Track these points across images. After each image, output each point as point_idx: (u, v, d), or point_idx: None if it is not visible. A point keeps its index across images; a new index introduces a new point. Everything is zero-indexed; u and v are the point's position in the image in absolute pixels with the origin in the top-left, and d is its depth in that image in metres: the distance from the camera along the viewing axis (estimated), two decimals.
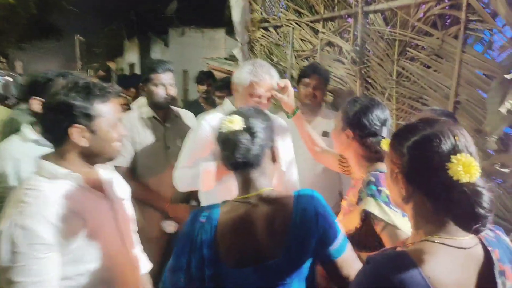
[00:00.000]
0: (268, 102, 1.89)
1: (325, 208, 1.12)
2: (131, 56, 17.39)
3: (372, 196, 1.26)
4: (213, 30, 10.25)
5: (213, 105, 3.72)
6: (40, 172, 1.23)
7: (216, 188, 1.78)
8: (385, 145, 1.29)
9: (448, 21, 2.10)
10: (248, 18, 3.62)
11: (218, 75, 7.41)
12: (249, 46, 3.67)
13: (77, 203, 1.24)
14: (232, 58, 7.93)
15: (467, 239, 0.91)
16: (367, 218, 1.24)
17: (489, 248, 0.92)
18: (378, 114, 1.39)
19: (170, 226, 2.23)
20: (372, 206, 1.24)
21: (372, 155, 1.38)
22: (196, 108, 3.23)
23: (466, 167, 0.85)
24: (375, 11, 2.43)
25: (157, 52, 15.49)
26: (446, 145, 0.88)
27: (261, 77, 1.80)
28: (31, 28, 13.81)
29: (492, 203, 0.86)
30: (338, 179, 2.30)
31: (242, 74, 1.86)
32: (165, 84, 2.24)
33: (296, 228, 1.09)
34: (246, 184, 1.17)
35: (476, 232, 0.87)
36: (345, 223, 1.32)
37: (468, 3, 1.93)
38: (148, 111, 2.25)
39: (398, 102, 2.37)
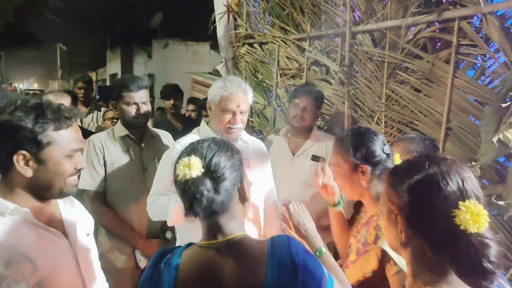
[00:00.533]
0: (243, 120, 1.79)
1: (305, 255, 0.96)
2: (114, 67, 17.19)
3: None
4: (197, 44, 10.17)
5: (182, 121, 3.60)
6: None
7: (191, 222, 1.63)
8: None
9: (439, 44, 2.05)
10: (232, 33, 3.53)
11: (203, 89, 7.30)
12: (233, 62, 3.57)
13: (26, 244, 1.07)
14: (217, 73, 7.85)
15: None
16: (383, 259, 1.14)
17: None
18: (381, 139, 1.34)
19: (142, 262, 2.07)
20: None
21: None
22: (166, 126, 3.10)
23: (475, 216, 0.76)
24: (363, 32, 2.37)
25: (140, 63, 15.34)
26: (453, 189, 0.78)
27: (231, 90, 1.73)
28: (9, 36, 13.48)
29: (501, 258, 0.77)
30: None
31: (213, 90, 1.80)
32: (138, 102, 2.10)
33: (271, 283, 0.92)
34: (212, 230, 1.01)
35: None
36: (361, 264, 1.21)
37: (460, 26, 1.89)
38: (121, 130, 2.10)
39: (387, 126, 2.29)
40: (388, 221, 0.88)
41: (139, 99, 2.10)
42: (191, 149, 1.00)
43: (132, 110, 2.09)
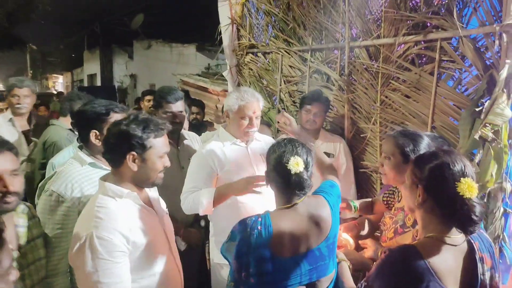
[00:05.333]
0: (257, 123, 2.16)
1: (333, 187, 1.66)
2: (92, 67, 17.03)
3: None
4: (182, 46, 10.38)
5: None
6: (105, 192, 1.45)
7: (222, 207, 2.07)
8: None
9: (424, 59, 2.48)
10: (235, 43, 3.88)
11: (192, 91, 7.58)
12: (237, 69, 3.92)
13: (137, 217, 1.47)
14: (205, 74, 8.14)
15: (459, 237, 1.24)
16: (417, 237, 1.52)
17: (472, 241, 1.26)
18: (429, 142, 1.68)
19: (183, 246, 2.41)
20: None
21: None
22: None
23: (470, 187, 1.18)
24: (360, 47, 2.79)
25: (121, 64, 15.32)
26: (457, 169, 1.21)
27: (247, 100, 2.08)
28: None
29: (482, 214, 1.20)
30: None
31: (230, 101, 2.14)
32: (175, 112, 2.44)
33: (335, 217, 1.50)
34: (286, 198, 1.50)
35: (470, 233, 1.21)
36: (398, 241, 1.62)
37: (441, 46, 2.31)
38: None
39: (382, 126, 2.72)
40: (410, 190, 1.31)
41: (176, 109, 2.44)
42: (293, 151, 1.47)
43: (170, 119, 2.42)
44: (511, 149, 2.04)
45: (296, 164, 1.41)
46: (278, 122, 2.13)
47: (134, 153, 1.43)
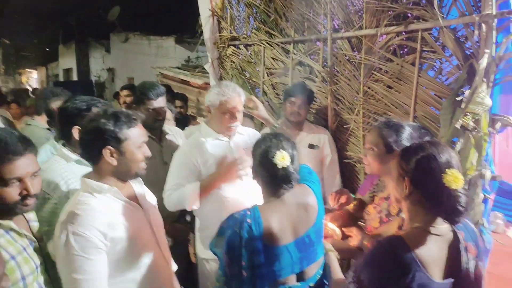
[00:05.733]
0: (239, 118, 2.14)
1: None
2: (68, 61, 16.54)
3: None
4: (161, 38, 10.19)
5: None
6: (86, 189, 1.44)
7: (207, 203, 2.07)
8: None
9: (406, 50, 2.51)
10: (217, 35, 3.83)
11: (173, 84, 7.47)
12: (219, 62, 3.88)
13: (118, 213, 1.45)
14: (185, 67, 8.02)
15: (444, 227, 1.26)
16: (402, 225, 1.54)
17: (457, 231, 1.28)
18: (412, 133, 1.69)
19: (169, 242, 2.38)
20: None
21: None
22: None
23: (456, 178, 1.20)
24: (342, 38, 2.79)
25: (97, 58, 14.94)
26: (443, 161, 1.22)
27: (229, 95, 2.06)
28: None
29: (468, 204, 1.22)
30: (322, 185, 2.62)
31: (211, 97, 2.12)
32: (157, 108, 2.39)
33: (320, 203, 1.54)
34: (280, 191, 1.51)
35: (456, 223, 1.23)
36: (384, 230, 1.63)
37: (422, 36, 2.34)
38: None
39: (365, 117, 2.75)
40: (397, 182, 1.32)
41: (158, 105, 2.39)
42: (278, 146, 1.46)
43: (152, 115, 2.38)
44: (491, 138, 2.09)
45: (282, 159, 1.42)
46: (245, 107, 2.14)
47: (110, 147, 1.42)
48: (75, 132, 1.76)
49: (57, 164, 1.75)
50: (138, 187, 1.65)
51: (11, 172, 1.29)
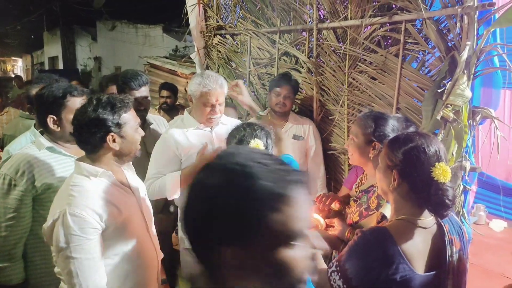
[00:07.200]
0: (221, 109, 2.12)
1: None
2: (53, 49, 16.23)
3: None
4: (148, 27, 10.04)
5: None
6: (81, 172, 1.45)
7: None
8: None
9: (390, 41, 2.52)
10: (203, 24, 3.78)
11: (160, 74, 7.38)
12: (205, 51, 3.84)
13: (113, 196, 1.47)
14: (173, 57, 7.92)
15: (429, 220, 1.27)
16: (382, 220, 1.54)
17: (442, 224, 1.29)
18: (394, 124, 1.68)
19: None
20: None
21: None
22: None
23: (444, 172, 1.21)
24: (328, 28, 2.78)
25: (84, 46, 14.68)
26: (432, 153, 1.22)
27: (209, 87, 2.03)
28: None
29: (454, 198, 1.23)
30: None
31: (193, 86, 2.08)
32: (139, 98, 2.36)
33: None
34: None
35: (443, 216, 1.24)
36: (364, 223, 1.64)
37: (406, 28, 2.35)
38: None
39: (349, 108, 2.76)
40: (384, 174, 1.32)
41: (141, 94, 2.36)
42: (252, 134, 1.45)
43: (134, 105, 2.35)
44: (471, 129, 2.12)
45: (256, 146, 1.43)
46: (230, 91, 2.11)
47: (112, 134, 1.44)
48: (50, 121, 1.74)
49: (27, 151, 1.73)
50: (130, 174, 1.67)
51: None
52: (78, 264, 1.33)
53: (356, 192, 2.00)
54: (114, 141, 1.45)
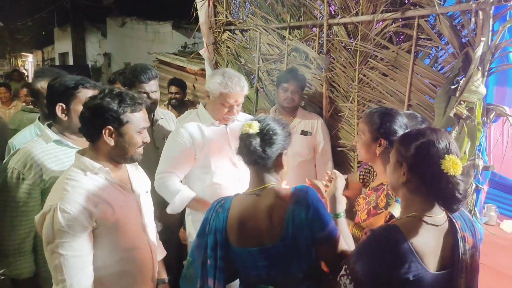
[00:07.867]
0: (238, 110, 2.10)
1: (318, 202, 1.32)
2: (64, 45, 16.36)
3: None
4: (158, 24, 10.06)
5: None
6: (78, 165, 1.43)
7: (198, 188, 2.11)
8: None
9: (402, 37, 2.48)
10: (212, 20, 3.77)
11: (169, 70, 7.38)
12: (214, 47, 3.82)
13: (108, 193, 1.44)
14: (182, 53, 7.92)
15: (440, 217, 1.24)
16: (390, 219, 1.50)
17: (454, 220, 1.26)
18: (404, 122, 1.65)
19: (157, 226, 2.38)
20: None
21: None
22: None
23: (454, 164, 1.17)
24: (338, 24, 2.75)
25: (94, 42, 14.77)
26: (442, 147, 1.19)
27: (231, 89, 1.98)
28: None
29: (466, 191, 1.20)
30: (314, 176, 2.61)
31: (212, 85, 2.03)
32: (148, 91, 2.36)
33: (290, 218, 1.31)
34: (256, 179, 1.41)
35: (454, 211, 1.21)
36: (371, 223, 1.61)
37: (419, 23, 2.30)
38: None
39: (359, 105, 2.73)
40: (394, 168, 1.29)
41: (150, 88, 2.36)
42: (256, 119, 1.39)
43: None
44: (484, 127, 2.08)
45: (248, 125, 1.38)
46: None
47: (110, 127, 1.40)
48: (58, 109, 1.73)
49: (34, 144, 1.73)
50: (133, 170, 1.64)
51: None
52: (64, 260, 1.31)
53: (360, 178, 1.97)
54: (111, 135, 1.41)
